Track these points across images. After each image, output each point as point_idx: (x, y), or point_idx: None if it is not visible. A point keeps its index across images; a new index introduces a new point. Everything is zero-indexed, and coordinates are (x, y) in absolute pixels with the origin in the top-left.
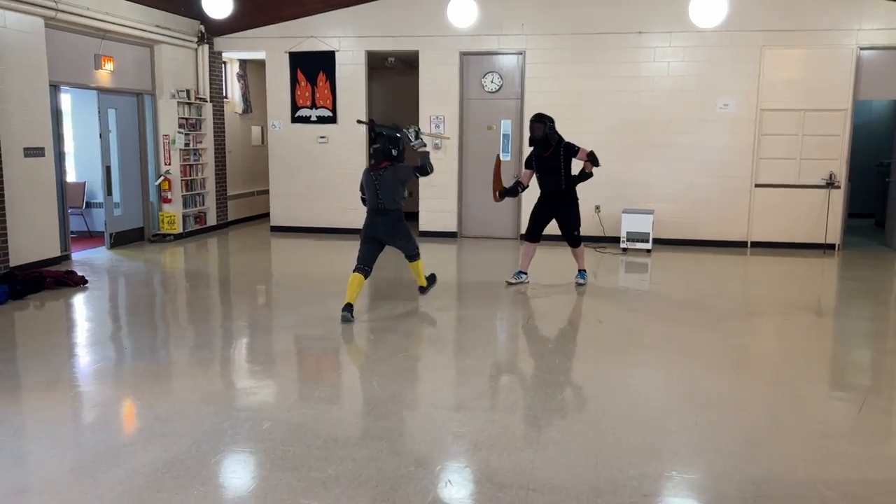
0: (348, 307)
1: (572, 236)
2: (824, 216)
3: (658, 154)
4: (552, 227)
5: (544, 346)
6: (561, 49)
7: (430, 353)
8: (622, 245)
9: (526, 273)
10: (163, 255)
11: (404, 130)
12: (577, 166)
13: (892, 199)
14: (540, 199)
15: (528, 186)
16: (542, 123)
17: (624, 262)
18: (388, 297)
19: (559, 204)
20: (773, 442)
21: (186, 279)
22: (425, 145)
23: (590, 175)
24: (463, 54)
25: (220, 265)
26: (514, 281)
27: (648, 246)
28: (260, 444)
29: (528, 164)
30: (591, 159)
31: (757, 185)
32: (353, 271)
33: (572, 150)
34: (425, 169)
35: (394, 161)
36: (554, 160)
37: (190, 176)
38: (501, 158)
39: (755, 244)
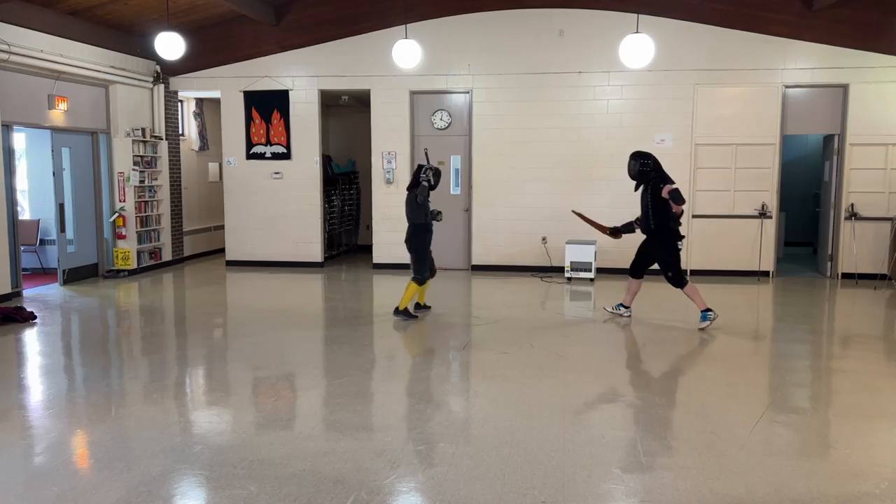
0: (416, 306)
1: (668, 278)
2: (758, 245)
3: (599, 187)
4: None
5: (474, 370)
6: (506, 88)
7: (364, 378)
8: (567, 274)
9: (628, 307)
10: (115, 290)
11: (426, 166)
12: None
13: (821, 229)
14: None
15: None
16: (635, 161)
17: (568, 291)
18: (339, 326)
19: (652, 244)
20: (672, 454)
21: (134, 313)
22: (427, 181)
23: (676, 214)
24: (413, 93)
25: (170, 299)
26: (611, 310)
27: (591, 275)
28: (189, 466)
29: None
30: (672, 197)
31: (694, 216)
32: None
33: (658, 188)
34: (416, 195)
35: (412, 187)
36: (643, 199)
37: (145, 212)
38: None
39: (694, 272)
